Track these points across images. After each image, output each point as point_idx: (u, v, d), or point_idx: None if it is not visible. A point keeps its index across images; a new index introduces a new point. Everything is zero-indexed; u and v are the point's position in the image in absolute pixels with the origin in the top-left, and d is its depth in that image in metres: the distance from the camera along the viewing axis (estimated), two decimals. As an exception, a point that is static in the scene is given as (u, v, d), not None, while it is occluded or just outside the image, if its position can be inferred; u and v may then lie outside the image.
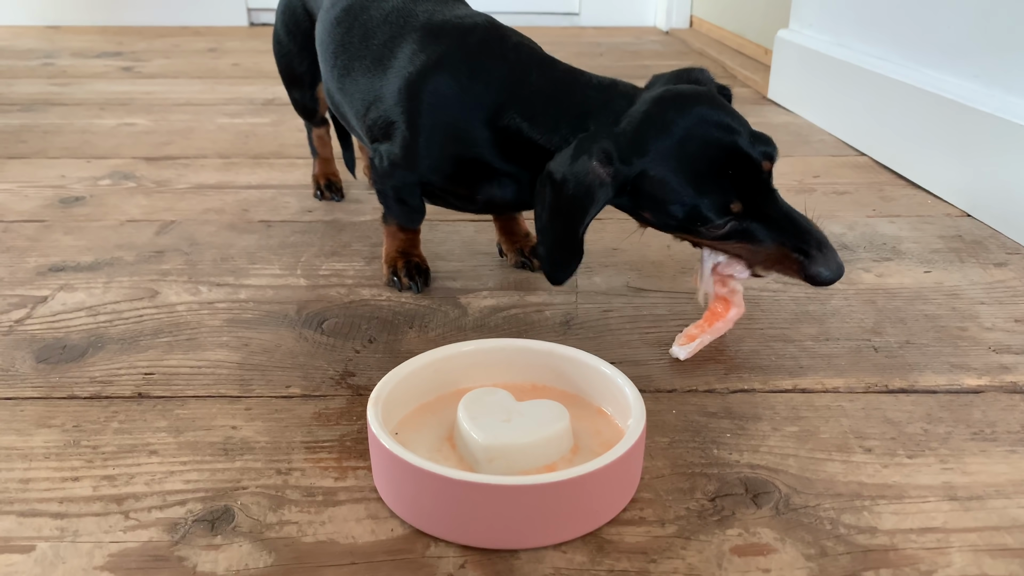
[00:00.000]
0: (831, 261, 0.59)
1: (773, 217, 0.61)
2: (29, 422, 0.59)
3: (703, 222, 0.61)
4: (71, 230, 0.96)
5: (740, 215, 0.60)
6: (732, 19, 2.32)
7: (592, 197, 0.61)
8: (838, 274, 0.59)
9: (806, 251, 0.60)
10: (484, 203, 0.75)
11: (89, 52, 2.24)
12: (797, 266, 0.60)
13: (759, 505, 0.51)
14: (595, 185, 0.61)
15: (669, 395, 0.63)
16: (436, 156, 0.72)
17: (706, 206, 0.60)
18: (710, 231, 0.61)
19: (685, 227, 0.63)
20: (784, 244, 0.60)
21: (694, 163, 0.60)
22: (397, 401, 0.56)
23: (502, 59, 0.70)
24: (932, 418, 0.60)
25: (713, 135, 0.60)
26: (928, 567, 0.46)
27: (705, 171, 0.60)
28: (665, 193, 0.61)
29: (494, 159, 0.70)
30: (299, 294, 0.80)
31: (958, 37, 1.09)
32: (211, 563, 0.46)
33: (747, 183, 0.60)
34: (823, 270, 0.59)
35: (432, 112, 0.70)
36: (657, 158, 0.61)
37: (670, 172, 0.60)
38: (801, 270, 0.60)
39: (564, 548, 0.48)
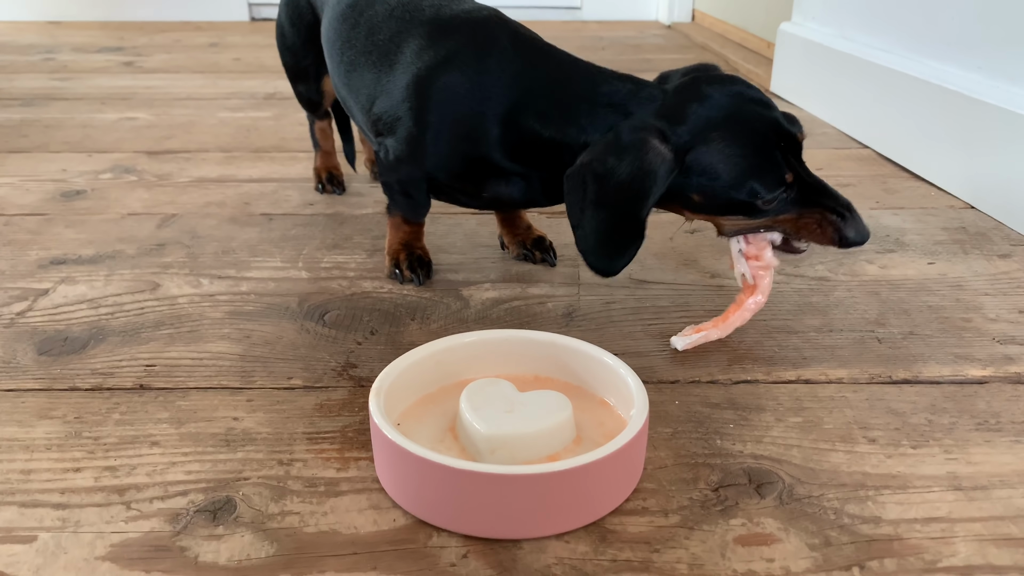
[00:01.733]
0: (860, 225, 0.63)
1: (811, 185, 0.63)
2: (31, 413, 0.59)
3: (760, 196, 0.62)
4: (72, 223, 0.96)
5: (789, 187, 0.62)
6: (734, 13, 2.32)
7: (655, 176, 0.61)
8: (867, 235, 0.63)
9: (841, 215, 0.62)
10: (491, 200, 0.75)
11: (90, 47, 2.24)
12: (833, 229, 0.62)
13: (763, 495, 0.51)
14: (657, 163, 0.61)
15: (672, 386, 0.63)
16: (443, 154, 0.72)
17: (763, 180, 0.61)
18: (765, 205, 0.62)
19: (739, 204, 0.63)
20: (824, 208, 0.63)
21: (748, 138, 0.61)
22: (399, 392, 0.56)
23: (513, 55, 0.70)
24: (936, 409, 0.60)
25: (758, 111, 0.63)
26: (933, 557, 0.46)
27: (760, 145, 0.62)
28: (723, 170, 0.61)
29: (503, 157, 0.70)
30: (301, 286, 0.80)
31: (962, 29, 1.08)
32: (213, 553, 0.46)
33: (791, 156, 0.63)
34: (854, 233, 0.62)
35: (441, 109, 0.70)
36: (711, 135, 0.61)
37: (727, 148, 0.61)
38: (837, 231, 0.62)
39: (567, 538, 0.47)
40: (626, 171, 0.61)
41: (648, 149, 0.61)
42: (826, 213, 0.63)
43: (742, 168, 0.61)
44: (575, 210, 0.64)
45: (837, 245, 0.63)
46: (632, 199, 0.61)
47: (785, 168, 0.62)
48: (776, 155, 0.62)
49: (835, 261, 0.85)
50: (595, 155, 0.63)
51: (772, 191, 0.62)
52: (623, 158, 0.61)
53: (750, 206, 0.63)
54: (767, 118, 0.62)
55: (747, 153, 0.61)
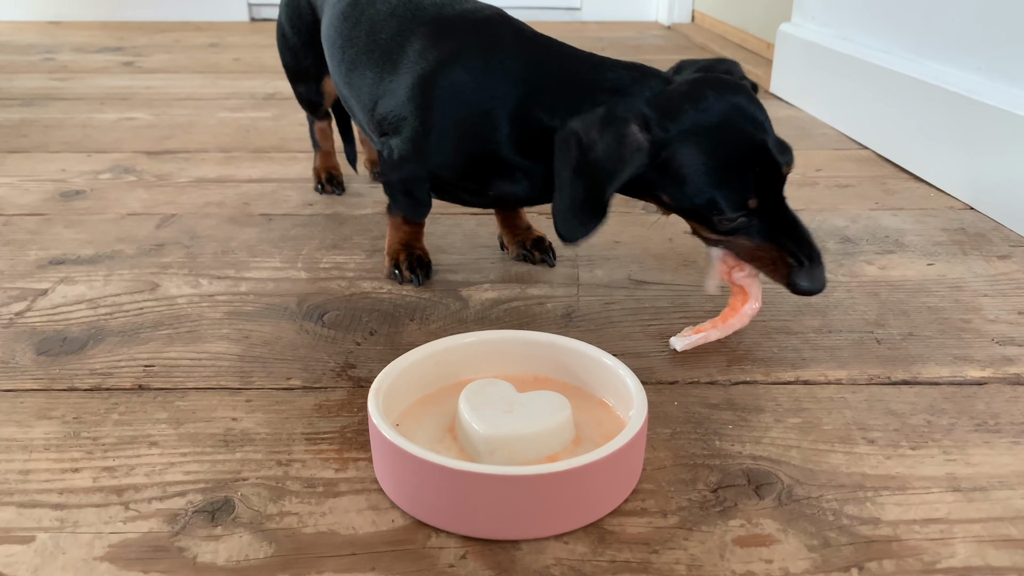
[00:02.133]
0: (817, 276, 0.62)
1: (780, 220, 0.62)
2: (29, 414, 0.59)
3: (718, 212, 0.61)
4: (72, 223, 0.96)
5: (751, 213, 0.62)
6: (734, 13, 2.32)
7: (625, 161, 0.60)
8: (820, 288, 0.62)
9: (799, 259, 0.61)
10: (495, 198, 0.75)
11: (90, 47, 2.24)
12: (786, 270, 0.62)
13: (761, 496, 0.51)
14: (631, 149, 0.60)
15: (671, 387, 0.63)
16: (448, 153, 0.71)
17: (725, 198, 0.61)
18: (720, 223, 0.62)
19: (699, 215, 0.63)
20: (783, 247, 0.62)
21: (726, 152, 0.61)
22: (398, 392, 0.56)
23: (517, 53, 0.69)
24: (935, 410, 0.60)
25: (747, 129, 0.61)
26: (932, 558, 0.46)
27: (734, 163, 0.61)
28: (691, 176, 0.61)
29: (510, 154, 0.70)
30: (300, 287, 0.80)
31: (962, 29, 1.08)
32: (211, 554, 0.46)
33: (766, 184, 0.61)
34: (807, 282, 0.61)
35: (446, 109, 0.70)
36: (692, 138, 0.61)
37: (701, 155, 0.60)
38: (789, 275, 0.62)
39: (566, 539, 0.47)
40: (602, 149, 0.61)
41: (626, 133, 0.60)
42: (783, 253, 0.62)
43: (707, 180, 0.61)
44: (559, 172, 0.64)
45: (787, 288, 0.62)
46: (600, 177, 0.61)
47: (752, 193, 0.61)
48: (747, 177, 0.61)
49: (834, 262, 0.85)
50: (584, 123, 0.62)
51: (731, 211, 0.61)
52: (603, 134, 0.61)
53: (707, 219, 0.62)
54: (753, 139, 0.61)
55: (718, 167, 0.60)
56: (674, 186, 0.62)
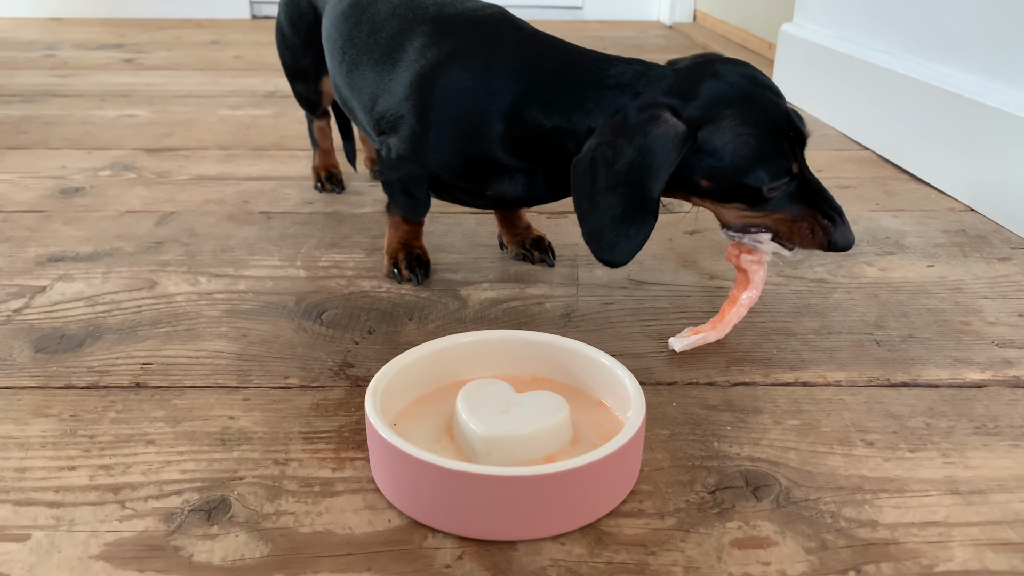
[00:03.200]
0: (848, 230, 0.63)
1: (810, 185, 0.63)
2: (26, 411, 0.59)
3: (765, 184, 0.61)
4: (71, 220, 0.95)
5: (792, 178, 0.62)
6: (736, 13, 2.32)
7: (669, 151, 0.60)
8: (853, 242, 0.64)
9: (832, 218, 0.63)
10: (493, 199, 0.74)
11: (91, 44, 2.23)
12: (823, 234, 0.63)
13: (759, 498, 0.51)
14: (670, 136, 0.60)
15: (669, 388, 0.63)
16: (447, 152, 0.71)
17: (771, 166, 0.61)
18: (769, 192, 0.62)
19: (743, 190, 0.62)
20: (819, 210, 0.63)
21: (760, 121, 0.61)
22: (396, 392, 0.55)
23: (517, 51, 0.69)
24: (934, 412, 0.60)
25: (771, 97, 0.63)
26: (929, 561, 0.46)
27: (770, 130, 0.61)
28: (732, 151, 0.61)
29: (507, 154, 0.69)
30: (298, 285, 0.79)
31: (963, 31, 1.08)
32: (207, 553, 0.46)
33: (798, 148, 0.63)
34: (843, 239, 0.63)
35: (444, 107, 0.69)
36: (724, 113, 0.61)
37: (738, 128, 0.61)
38: (827, 236, 0.63)
39: (562, 540, 0.47)
40: (636, 148, 0.60)
41: (661, 123, 0.60)
42: (819, 217, 0.63)
43: (752, 150, 0.61)
44: (582, 200, 0.63)
45: (824, 248, 0.63)
46: (644, 177, 0.60)
47: (792, 158, 0.62)
48: (784, 144, 0.61)
49: (834, 263, 0.85)
50: (603, 138, 0.62)
51: (777, 179, 0.61)
52: (634, 137, 0.60)
53: (755, 193, 0.62)
54: (779, 106, 0.62)
55: (759, 135, 0.61)
56: (715, 166, 0.62)
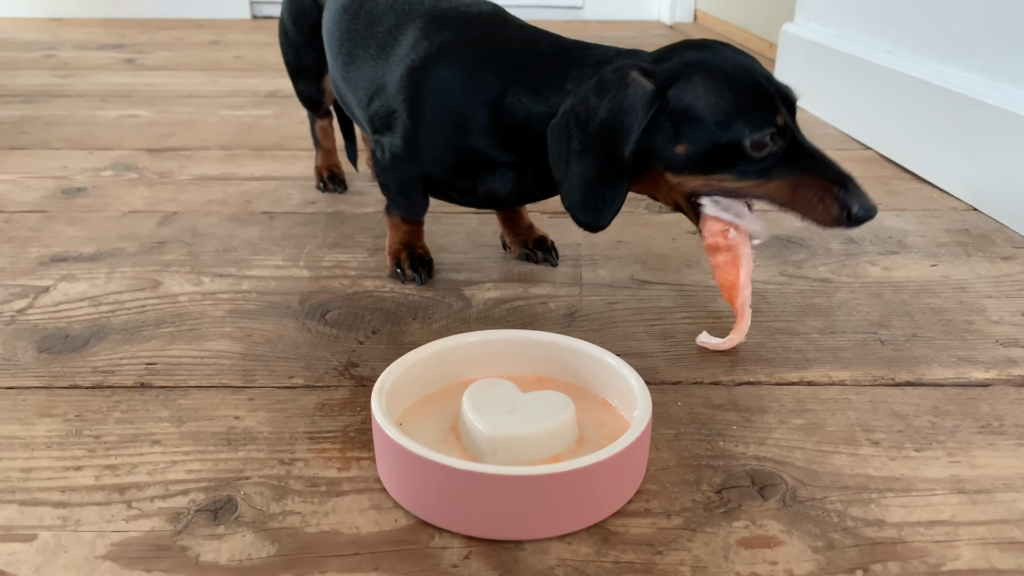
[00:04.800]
0: (865, 196, 0.58)
1: (806, 150, 0.60)
2: (31, 411, 0.59)
3: (746, 136, 0.58)
4: (73, 221, 0.95)
5: (779, 133, 0.58)
6: (737, 13, 2.32)
7: (636, 110, 0.58)
8: (875, 211, 0.58)
9: (844, 185, 0.58)
10: (485, 196, 0.74)
11: (91, 44, 2.23)
12: (837, 204, 0.57)
13: (766, 497, 0.51)
14: (638, 95, 0.58)
15: (675, 387, 0.63)
16: (438, 147, 0.71)
17: (751, 118, 0.58)
18: (754, 149, 0.58)
19: (724, 150, 0.58)
20: (823, 175, 0.58)
21: (735, 76, 0.59)
22: (401, 392, 0.55)
23: (507, 44, 0.69)
24: (939, 411, 0.60)
25: (748, 61, 0.61)
26: (936, 560, 0.46)
27: (747, 82, 0.59)
28: (707, 105, 0.58)
29: (496, 147, 0.69)
30: (302, 285, 0.79)
31: (965, 30, 1.08)
32: (214, 553, 0.46)
33: (785, 105, 0.60)
34: (862, 207, 0.57)
35: (434, 100, 0.69)
36: (694, 72, 0.59)
37: (709, 82, 0.58)
38: (842, 206, 0.57)
39: (569, 539, 0.47)
40: (607, 108, 0.59)
41: (629, 82, 0.59)
42: (826, 183, 0.58)
43: (727, 103, 0.58)
44: (559, 162, 0.62)
45: (844, 223, 0.57)
46: (614, 138, 0.59)
47: (777, 107, 0.58)
48: (765, 95, 0.58)
49: (837, 263, 0.85)
50: (577, 99, 0.61)
51: (760, 129, 0.57)
52: (603, 97, 0.59)
53: (737, 151, 0.58)
54: (757, 67, 0.60)
55: (732, 89, 0.58)
56: (690, 127, 0.59)
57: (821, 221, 0.59)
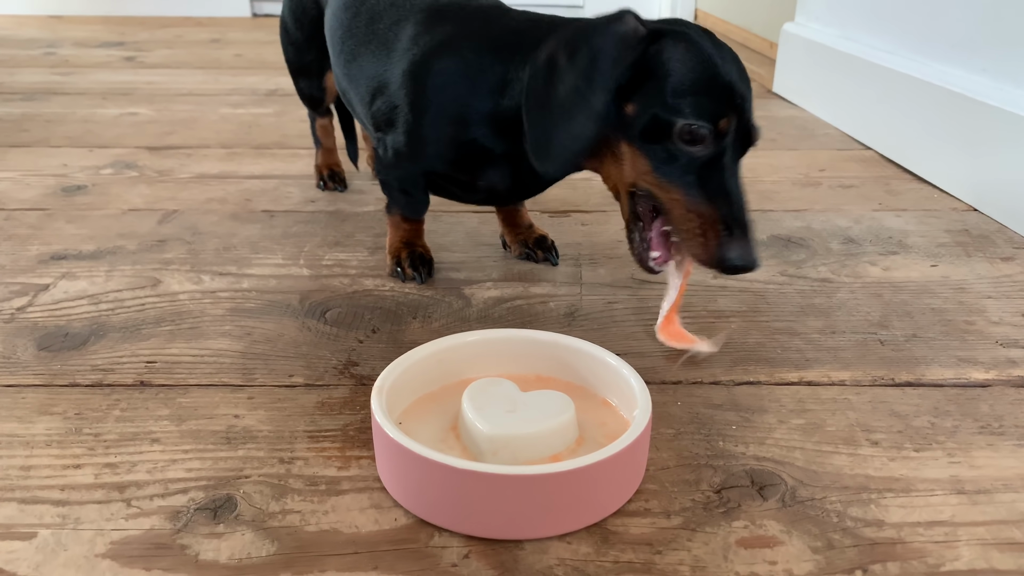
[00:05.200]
0: (749, 250, 0.56)
1: (727, 182, 0.58)
2: (31, 409, 0.59)
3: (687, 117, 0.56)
4: (73, 219, 0.95)
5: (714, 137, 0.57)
6: (737, 13, 2.32)
7: (622, 47, 0.57)
8: (751, 265, 0.56)
9: (731, 229, 0.56)
10: (486, 191, 0.74)
11: (92, 42, 2.23)
12: (716, 241, 0.56)
13: (765, 497, 0.51)
14: (628, 34, 0.58)
15: (674, 387, 0.63)
16: (439, 140, 0.71)
17: (700, 103, 0.56)
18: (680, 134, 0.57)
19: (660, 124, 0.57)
20: (718, 211, 0.57)
21: (714, 66, 0.58)
22: (401, 391, 0.55)
23: (505, 30, 0.69)
24: (939, 412, 0.60)
25: (740, 71, 0.60)
26: (936, 560, 0.46)
27: (719, 79, 0.58)
28: (676, 70, 0.57)
29: (493, 137, 0.69)
30: (302, 284, 0.79)
31: (966, 30, 1.08)
32: (213, 551, 0.46)
33: (737, 128, 0.58)
34: (738, 256, 0.56)
35: (436, 93, 0.69)
36: (685, 37, 0.58)
37: (691, 54, 0.57)
38: (719, 247, 0.56)
39: (569, 539, 0.47)
40: (592, 47, 0.58)
41: (622, 22, 0.58)
42: (718, 219, 0.56)
43: (691, 79, 0.57)
44: (533, 102, 0.61)
45: (716, 266, 0.56)
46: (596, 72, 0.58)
47: (729, 112, 0.57)
48: (726, 97, 0.57)
49: (838, 263, 0.85)
50: (562, 35, 0.61)
51: (698, 118, 0.56)
52: (592, 34, 0.58)
53: (667, 129, 0.57)
54: (738, 80, 0.59)
55: (704, 72, 0.57)
56: (649, 85, 0.57)
57: (696, 255, 0.58)
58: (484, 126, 0.69)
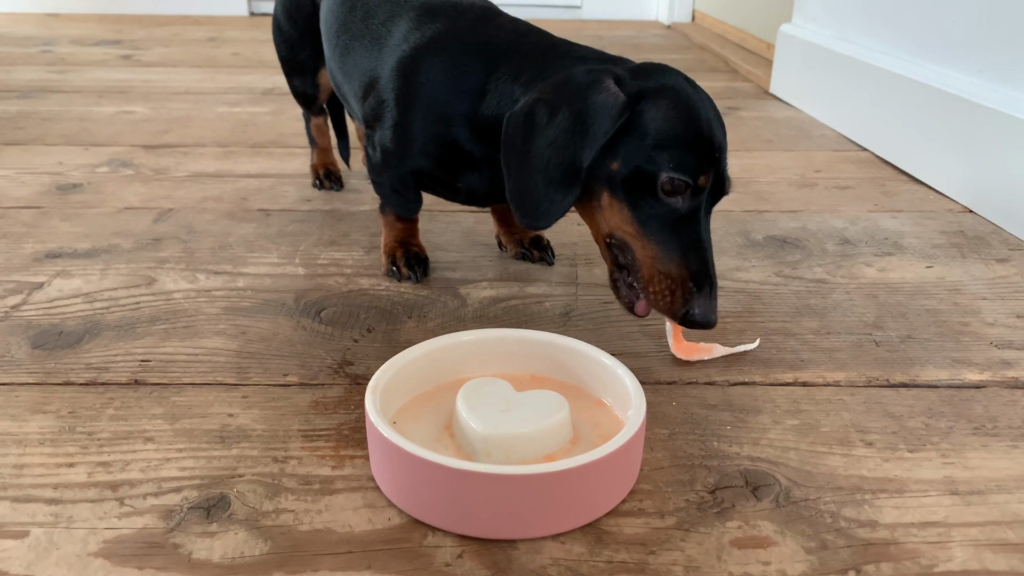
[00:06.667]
0: (712, 308, 0.59)
1: (699, 238, 0.59)
2: (24, 408, 0.59)
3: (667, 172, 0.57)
4: (68, 217, 0.95)
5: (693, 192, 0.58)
6: (734, 13, 2.32)
7: (606, 117, 0.58)
8: (712, 323, 0.59)
9: (700, 286, 0.58)
10: (467, 192, 0.74)
11: (88, 40, 2.23)
12: (685, 297, 0.58)
13: (759, 498, 0.51)
14: (609, 103, 0.58)
15: (669, 387, 0.63)
16: (423, 137, 0.71)
17: (682, 159, 0.57)
18: (662, 188, 0.57)
19: (642, 178, 0.58)
20: (689, 269, 0.59)
21: (695, 120, 0.59)
22: (395, 390, 0.55)
23: (493, 33, 0.70)
24: (933, 412, 0.60)
25: (715, 121, 0.60)
26: (929, 561, 0.46)
27: (700, 134, 0.59)
28: (658, 127, 0.58)
29: (472, 141, 0.69)
30: (297, 283, 0.79)
31: (962, 32, 1.08)
32: (206, 550, 0.46)
33: (714, 184, 0.60)
34: (702, 313, 0.58)
35: (421, 90, 0.70)
36: (667, 93, 0.59)
37: (674, 111, 0.58)
38: (687, 302, 0.58)
39: (562, 539, 0.47)
40: (574, 112, 0.58)
41: (602, 89, 0.58)
42: (686, 279, 0.58)
43: (672, 135, 0.58)
44: (511, 155, 0.61)
45: (677, 318, 0.59)
46: (576, 142, 0.58)
47: (709, 169, 0.58)
48: (706, 154, 0.58)
49: (833, 264, 0.85)
50: (543, 94, 0.61)
51: (679, 172, 0.57)
52: (573, 99, 0.59)
53: (650, 182, 0.58)
54: (720, 134, 0.60)
55: (686, 128, 0.58)
56: (632, 142, 0.58)
57: (661, 308, 0.60)
58: (464, 127, 0.69)
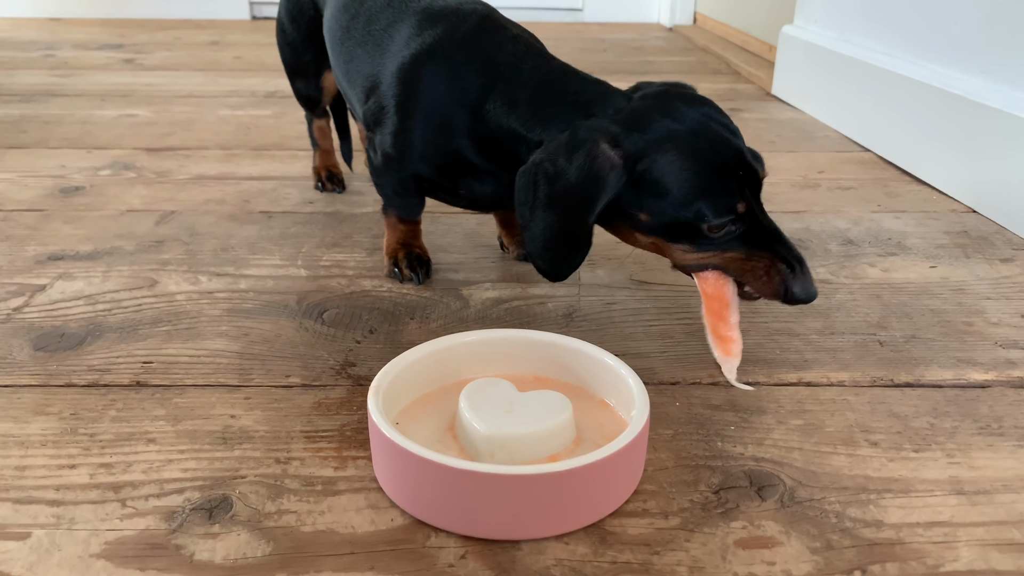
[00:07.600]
0: (810, 282, 0.59)
1: (765, 227, 0.60)
2: (26, 409, 0.59)
3: (706, 219, 0.58)
4: (71, 219, 0.95)
5: (738, 219, 0.59)
6: (736, 15, 2.32)
7: (603, 183, 0.58)
8: (814, 295, 0.59)
9: (791, 265, 0.59)
10: (468, 198, 0.74)
11: (91, 44, 2.23)
12: (780, 279, 0.59)
13: (764, 498, 0.50)
14: (606, 169, 0.58)
15: (673, 387, 0.63)
16: (423, 144, 0.71)
17: (713, 203, 0.58)
18: (711, 231, 0.59)
19: (683, 226, 0.59)
20: (776, 254, 0.59)
21: (706, 157, 0.58)
22: (398, 391, 0.55)
23: (494, 49, 0.69)
24: (938, 412, 0.59)
25: (722, 135, 0.60)
26: (935, 561, 0.46)
27: (716, 167, 0.58)
28: (672, 184, 0.58)
29: (474, 152, 0.69)
30: (300, 284, 0.79)
31: (965, 32, 1.08)
32: (208, 552, 0.46)
33: (749, 189, 0.60)
34: (802, 289, 0.59)
35: (421, 97, 0.69)
36: (668, 145, 0.58)
37: (680, 161, 0.58)
38: (783, 283, 0.59)
39: (566, 539, 0.47)
40: (575, 175, 0.59)
41: (597, 154, 0.59)
42: (776, 260, 0.59)
43: (693, 185, 0.58)
44: (524, 209, 0.62)
45: (781, 299, 0.59)
46: (579, 205, 0.59)
47: (739, 196, 0.58)
48: (732, 181, 0.58)
49: (837, 264, 0.85)
50: (547, 154, 0.61)
51: (720, 216, 0.58)
52: (573, 160, 0.59)
53: (695, 230, 0.59)
54: (731, 143, 0.60)
55: (701, 171, 0.58)
56: (655, 200, 0.59)
57: (762, 292, 0.60)
58: (466, 139, 0.69)
